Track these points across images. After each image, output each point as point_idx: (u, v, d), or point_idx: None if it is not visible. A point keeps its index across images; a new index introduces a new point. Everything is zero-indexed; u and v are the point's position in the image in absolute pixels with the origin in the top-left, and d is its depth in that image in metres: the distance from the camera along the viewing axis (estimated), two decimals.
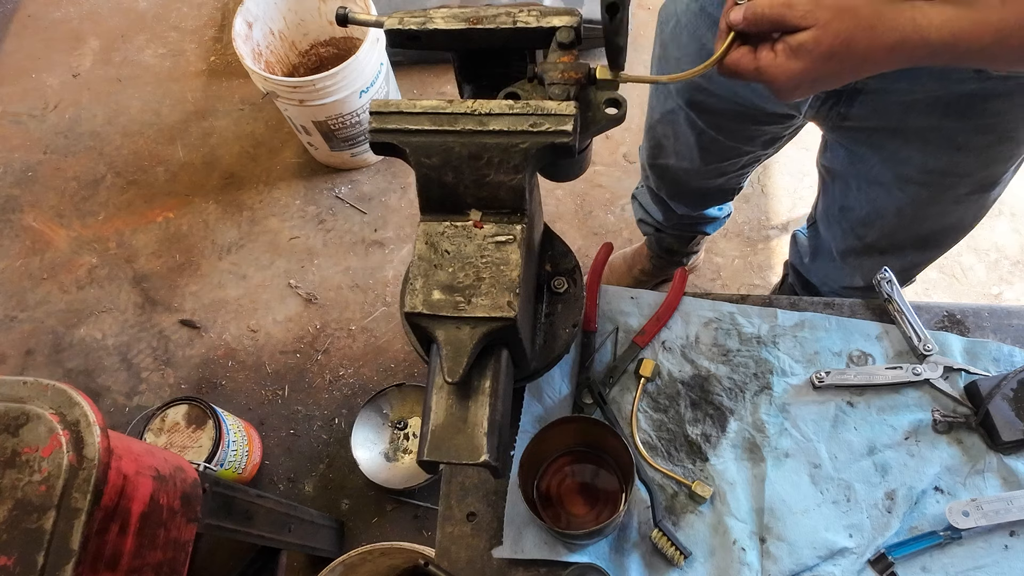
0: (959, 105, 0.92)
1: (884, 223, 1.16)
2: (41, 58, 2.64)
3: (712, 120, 1.20)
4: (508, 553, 0.89)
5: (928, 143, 0.99)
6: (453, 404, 0.70)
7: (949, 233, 1.17)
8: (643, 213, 1.75)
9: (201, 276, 2.19)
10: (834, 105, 1.01)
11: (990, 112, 0.92)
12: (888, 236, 1.19)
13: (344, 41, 2.29)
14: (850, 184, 1.18)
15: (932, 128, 0.96)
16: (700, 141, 1.27)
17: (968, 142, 0.96)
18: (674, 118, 1.27)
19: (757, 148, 1.29)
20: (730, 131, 1.22)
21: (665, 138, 1.34)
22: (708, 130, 1.23)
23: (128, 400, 2.03)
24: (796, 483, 0.91)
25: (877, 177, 1.10)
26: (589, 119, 0.75)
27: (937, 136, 0.97)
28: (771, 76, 0.71)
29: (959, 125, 0.94)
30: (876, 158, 1.07)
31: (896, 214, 1.13)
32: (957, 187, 1.05)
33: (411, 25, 0.76)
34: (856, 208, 1.19)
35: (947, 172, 1.02)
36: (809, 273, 1.53)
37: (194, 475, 1.14)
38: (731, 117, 1.17)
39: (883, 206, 1.13)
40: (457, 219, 0.73)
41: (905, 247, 1.21)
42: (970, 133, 0.95)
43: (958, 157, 0.99)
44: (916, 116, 0.95)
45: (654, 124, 1.35)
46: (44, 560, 0.80)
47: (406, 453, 1.86)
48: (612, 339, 1.02)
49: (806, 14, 0.68)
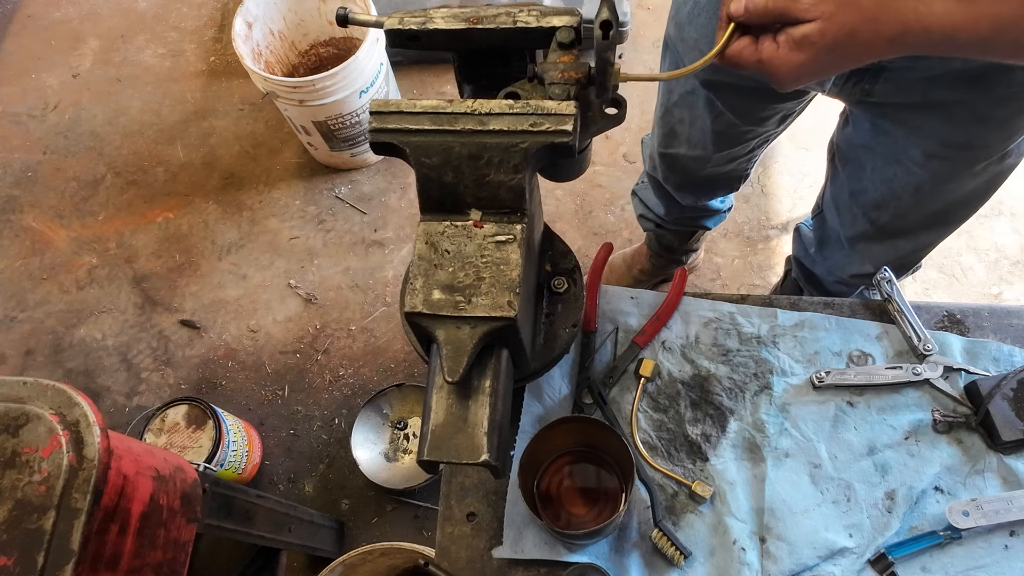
0: (983, 77, 0.92)
1: (899, 203, 1.16)
2: (41, 58, 2.64)
3: (730, 100, 1.21)
4: (508, 553, 0.89)
5: (952, 116, 0.99)
6: (453, 404, 0.70)
7: (962, 208, 1.18)
8: (644, 208, 1.75)
9: (201, 276, 2.19)
10: (858, 82, 1.01)
11: (1016, 82, 0.92)
12: (902, 217, 1.19)
13: (344, 41, 2.29)
14: (865, 165, 1.18)
15: (956, 101, 0.96)
16: (716, 124, 1.27)
17: (991, 114, 0.97)
18: (693, 100, 1.27)
19: (770, 127, 1.30)
20: (746, 111, 1.23)
21: (680, 123, 1.34)
22: (725, 111, 1.23)
23: (128, 400, 2.03)
24: (796, 483, 0.91)
25: (899, 153, 1.10)
26: (589, 119, 0.75)
27: (961, 109, 0.97)
28: (773, 68, 0.71)
29: (982, 97, 0.94)
30: (900, 131, 1.07)
31: (914, 192, 1.13)
32: (978, 160, 1.05)
33: (411, 25, 0.76)
34: (870, 190, 1.19)
35: (970, 145, 1.03)
36: (814, 265, 1.53)
37: (194, 475, 1.14)
38: (749, 93, 1.18)
39: (900, 185, 1.13)
40: (457, 219, 0.73)
41: (917, 228, 1.21)
42: (993, 104, 0.95)
43: (981, 129, 1.00)
44: (940, 90, 0.95)
45: (670, 108, 1.35)
46: (44, 560, 0.80)
47: (406, 453, 1.86)
48: (612, 339, 1.02)
49: (810, 7, 0.68)
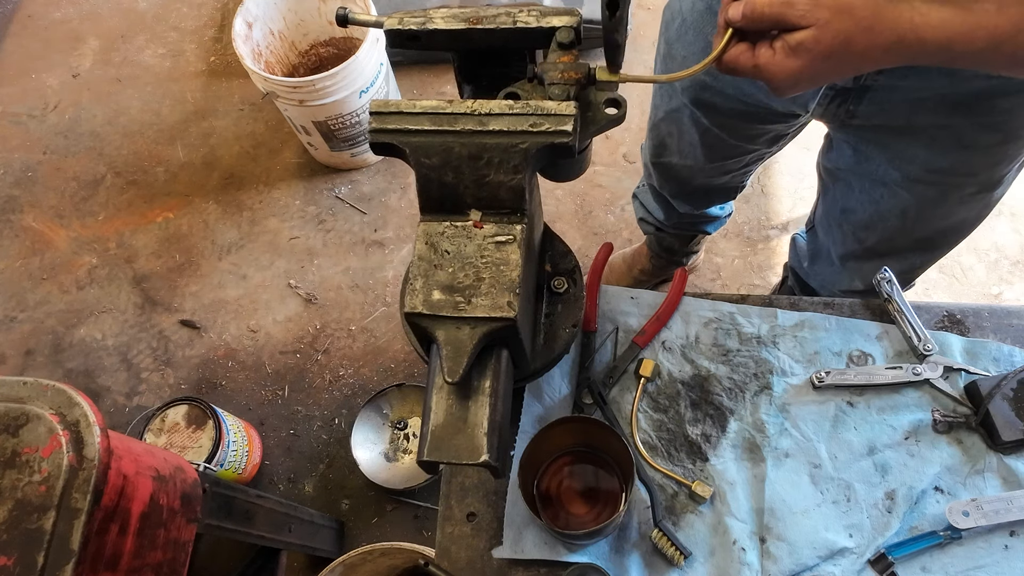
0: (967, 102, 0.92)
1: (887, 225, 1.16)
2: (41, 58, 2.64)
3: (717, 119, 1.20)
4: (508, 553, 0.89)
5: (935, 141, 0.99)
6: (453, 404, 0.70)
7: (950, 235, 1.17)
8: (644, 212, 1.75)
9: (201, 276, 2.19)
10: (842, 103, 1.01)
11: (998, 110, 0.92)
12: (889, 240, 1.18)
13: (344, 41, 2.29)
14: (852, 186, 1.17)
15: (939, 126, 0.96)
16: (704, 139, 1.27)
17: (975, 140, 0.96)
18: (678, 116, 1.27)
19: (761, 147, 1.29)
20: (734, 129, 1.22)
21: (669, 136, 1.34)
22: (713, 128, 1.22)
23: (128, 400, 2.03)
24: (796, 483, 0.91)
25: (882, 177, 1.09)
26: (589, 119, 0.75)
27: (944, 134, 0.97)
28: (770, 74, 0.72)
29: (966, 123, 0.94)
30: (882, 157, 1.07)
31: (900, 216, 1.12)
32: (963, 187, 1.05)
33: (411, 25, 0.76)
34: (858, 211, 1.19)
35: (953, 171, 1.02)
36: (808, 277, 1.53)
37: (194, 475, 1.14)
38: (736, 116, 1.17)
39: (886, 208, 1.13)
40: (457, 219, 0.73)
41: (906, 250, 1.20)
42: (977, 131, 0.95)
43: (965, 156, 0.99)
44: (924, 114, 0.95)
45: (658, 123, 1.35)
46: (44, 560, 0.80)
47: (406, 453, 1.86)
48: (612, 339, 1.02)
49: (806, 13, 0.68)
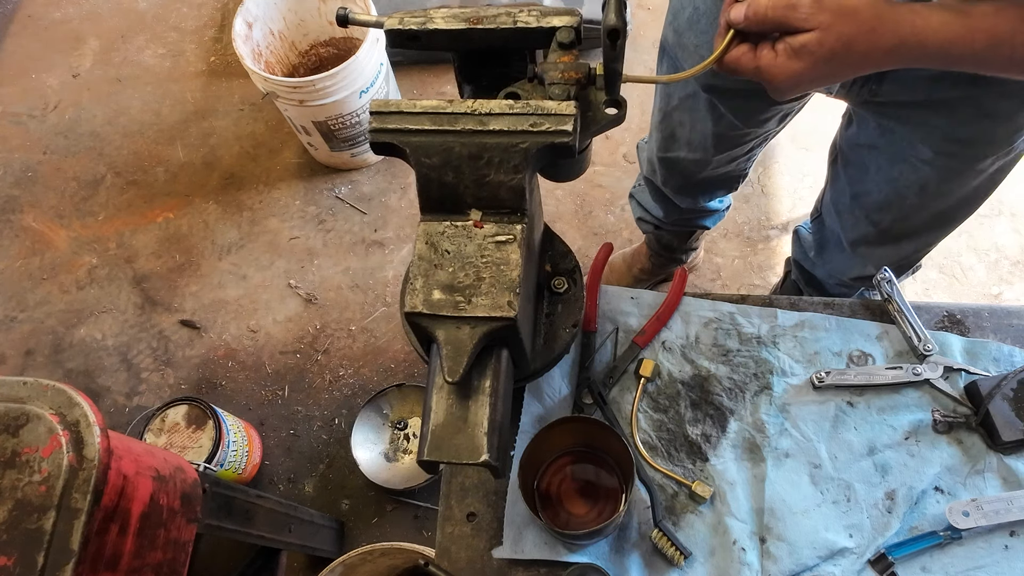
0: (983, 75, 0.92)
1: (904, 203, 1.17)
2: (41, 58, 2.64)
3: (731, 102, 1.21)
4: (508, 553, 0.89)
5: (956, 112, 0.99)
6: (453, 404, 0.70)
7: (964, 206, 1.18)
8: (642, 211, 1.75)
9: (201, 276, 2.19)
10: (865, 83, 1.01)
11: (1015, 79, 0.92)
12: (904, 219, 1.19)
13: (344, 41, 2.29)
14: (868, 167, 1.18)
15: (960, 98, 0.97)
16: (717, 127, 1.28)
17: (996, 108, 0.97)
18: (694, 103, 1.27)
19: (771, 127, 1.31)
20: (748, 113, 1.23)
21: (680, 126, 1.34)
22: (727, 114, 1.24)
23: (128, 400, 2.03)
24: (796, 483, 0.91)
25: (905, 151, 1.10)
26: (589, 119, 0.75)
27: (965, 105, 0.98)
28: (771, 75, 0.72)
29: (986, 92, 0.95)
30: (905, 129, 1.07)
31: (919, 191, 1.13)
32: (984, 155, 1.06)
33: (411, 25, 0.76)
34: (873, 192, 1.20)
35: (976, 140, 1.03)
36: (815, 268, 1.53)
37: (194, 475, 1.14)
38: (750, 97, 1.18)
39: (904, 184, 1.14)
40: (457, 219, 0.73)
41: (921, 228, 1.21)
42: (997, 99, 0.96)
43: (986, 124, 1.00)
44: (943, 87, 0.96)
45: (670, 112, 1.35)
46: (44, 560, 0.79)
47: (406, 453, 1.86)
48: (612, 339, 1.02)
49: (809, 16, 0.68)
